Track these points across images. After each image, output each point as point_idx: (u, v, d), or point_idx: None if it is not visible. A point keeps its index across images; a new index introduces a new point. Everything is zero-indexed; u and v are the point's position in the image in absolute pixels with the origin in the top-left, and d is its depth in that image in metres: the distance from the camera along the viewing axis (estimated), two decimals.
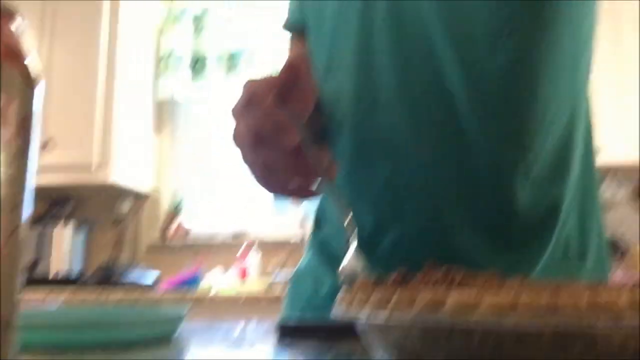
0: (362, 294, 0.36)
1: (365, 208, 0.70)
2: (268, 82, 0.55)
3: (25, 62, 0.30)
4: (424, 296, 0.32)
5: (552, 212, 0.68)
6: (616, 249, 2.80)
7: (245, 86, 0.56)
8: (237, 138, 0.56)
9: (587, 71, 0.72)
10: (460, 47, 0.63)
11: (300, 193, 0.58)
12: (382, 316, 0.34)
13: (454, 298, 0.31)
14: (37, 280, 2.75)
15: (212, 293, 2.49)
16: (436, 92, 0.65)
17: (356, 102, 0.70)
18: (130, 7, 3.16)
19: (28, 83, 0.30)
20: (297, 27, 0.86)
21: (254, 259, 2.96)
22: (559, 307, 0.29)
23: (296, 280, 0.85)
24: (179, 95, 3.28)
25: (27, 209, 0.30)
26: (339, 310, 0.37)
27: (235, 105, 0.56)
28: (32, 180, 0.30)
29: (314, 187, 0.56)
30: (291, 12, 0.90)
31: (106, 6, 3.07)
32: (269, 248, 3.06)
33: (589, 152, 0.73)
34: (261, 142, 0.54)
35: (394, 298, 0.33)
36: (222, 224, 3.22)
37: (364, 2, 0.70)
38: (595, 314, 0.29)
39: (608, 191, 2.88)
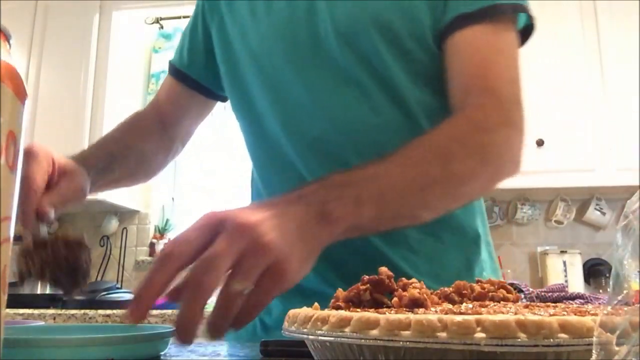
0: (302, 314, 0.40)
1: None
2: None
3: (15, 78, 0.30)
4: (336, 314, 0.35)
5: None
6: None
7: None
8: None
9: None
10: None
11: None
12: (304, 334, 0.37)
13: (358, 316, 0.33)
14: (23, 297, 2.71)
15: None
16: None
17: None
18: (120, 25, 3.18)
19: (17, 99, 0.30)
20: (177, 72, 1.08)
21: None
22: (448, 326, 0.31)
23: None
24: None
25: (14, 224, 0.30)
26: (284, 328, 0.41)
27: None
28: (17, 195, 0.30)
29: None
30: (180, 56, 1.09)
31: (96, 24, 3.08)
32: None
33: None
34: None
35: (314, 317, 0.37)
36: None
37: None
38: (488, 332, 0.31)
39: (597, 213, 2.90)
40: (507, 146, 0.73)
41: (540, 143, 2.67)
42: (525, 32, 0.86)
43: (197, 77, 1.06)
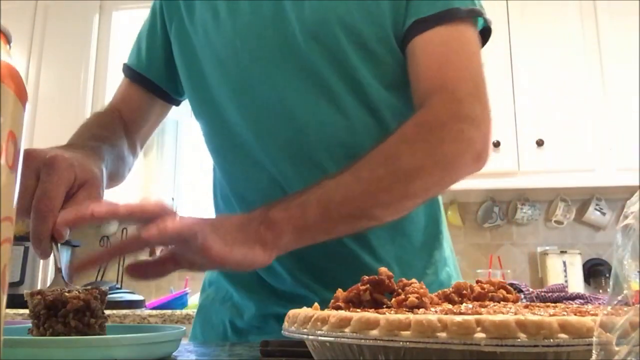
0: (302, 314, 0.40)
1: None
2: None
3: (16, 79, 0.30)
4: (336, 314, 0.35)
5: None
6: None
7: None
8: None
9: None
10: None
11: None
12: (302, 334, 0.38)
13: (358, 316, 0.34)
14: (23, 297, 2.70)
15: None
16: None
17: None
18: (120, 25, 3.17)
19: (18, 99, 0.30)
20: (135, 75, 1.03)
21: None
22: (448, 326, 0.31)
23: (209, 308, 0.96)
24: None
25: (14, 224, 0.30)
26: (284, 328, 0.42)
27: None
28: (17, 194, 0.30)
29: None
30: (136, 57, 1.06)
31: (96, 24, 3.08)
32: None
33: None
34: None
35: (314, 317, 0.36)
36: None
37: None
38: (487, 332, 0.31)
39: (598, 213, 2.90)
40: (460, 140, 0.74)
41: (540, 143, 2.67)
42: (483, 37, 0.87)
43: (157, 80, 1.02)
